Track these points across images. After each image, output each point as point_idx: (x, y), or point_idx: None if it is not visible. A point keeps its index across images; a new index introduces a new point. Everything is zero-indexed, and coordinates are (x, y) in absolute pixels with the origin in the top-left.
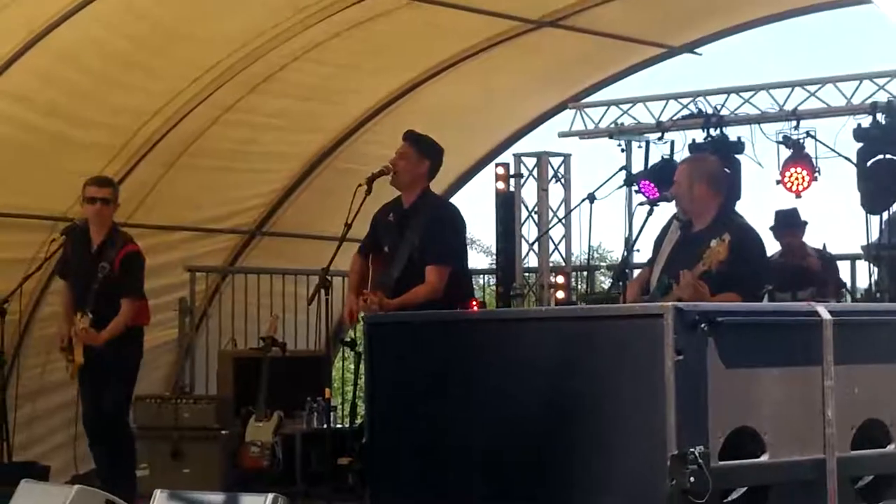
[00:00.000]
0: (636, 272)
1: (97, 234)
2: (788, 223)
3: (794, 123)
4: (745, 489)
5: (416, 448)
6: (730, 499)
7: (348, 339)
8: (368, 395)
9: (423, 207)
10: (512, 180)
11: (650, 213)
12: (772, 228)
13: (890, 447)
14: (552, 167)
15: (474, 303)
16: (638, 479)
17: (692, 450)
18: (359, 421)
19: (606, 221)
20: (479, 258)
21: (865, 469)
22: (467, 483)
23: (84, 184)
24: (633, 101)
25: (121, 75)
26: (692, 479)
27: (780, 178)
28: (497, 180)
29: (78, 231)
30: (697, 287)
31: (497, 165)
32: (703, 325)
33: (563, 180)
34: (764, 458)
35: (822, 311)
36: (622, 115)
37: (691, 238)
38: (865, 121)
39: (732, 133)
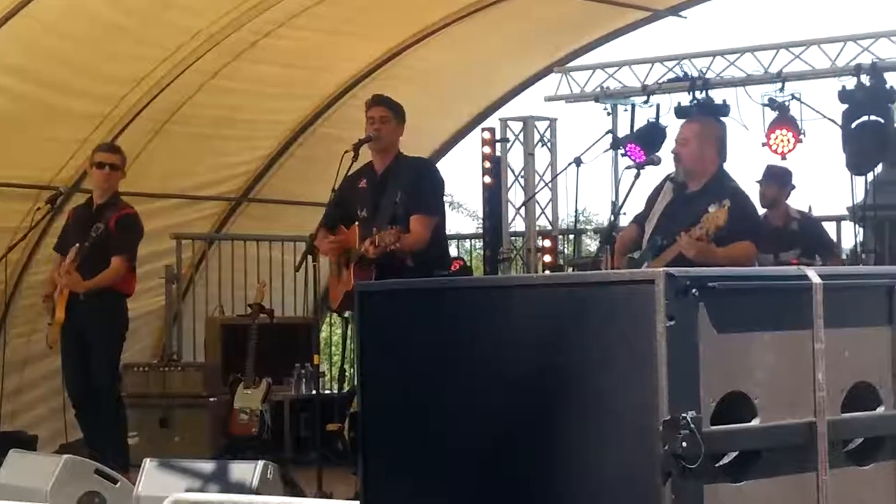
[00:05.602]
0: None
1: (99, 198)
2: (776, 177)
3: (779, 86)
4: (736, 453)
5: (408, 416)
6: (721, 463)
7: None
8: (359, 365)
9: (401, 167)
10: (498, 145)
11: (637, 176)
12: (759, 182)
13: (879, 410)
14: (538, 131)
15: (456, 264)
16: (630, 445)
17: (684, 415)
18: (346, 388)
19: (592, 185)
20: (466, 222)
21: (855, 432)
22: (460, 451)
23: (93, 150)
24: (619, 65)
25: (105, 42)
26: (684, 444)
27: (765, 140)
28: (483, 145)
29: (80, 206)
30: (701, 245)
31: (483, 130)
32: (694, 291)
33: (549, 144)
34: (755, 422)
35: (812, 274)
36: (608, 78)
37: (686, 198)
38: (850, 83)
39: (718, 96)
